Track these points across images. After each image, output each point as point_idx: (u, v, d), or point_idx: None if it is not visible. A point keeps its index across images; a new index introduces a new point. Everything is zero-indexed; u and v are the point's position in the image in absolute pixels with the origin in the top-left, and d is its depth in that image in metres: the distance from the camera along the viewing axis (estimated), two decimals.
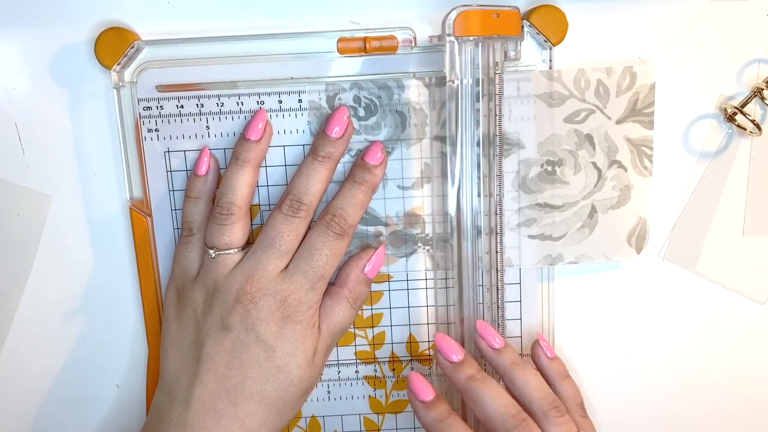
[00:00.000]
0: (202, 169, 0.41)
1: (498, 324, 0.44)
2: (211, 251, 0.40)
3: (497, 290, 0.43)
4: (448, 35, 0.39)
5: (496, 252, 0.42)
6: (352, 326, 0.44)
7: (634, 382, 0.46)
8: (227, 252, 0.40)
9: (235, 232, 0.40)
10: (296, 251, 0.40)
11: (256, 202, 0.42)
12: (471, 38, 0.39)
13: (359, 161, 0.41)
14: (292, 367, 0.39)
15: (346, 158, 0.42)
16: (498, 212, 0.42)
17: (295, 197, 0.40)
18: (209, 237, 0.40)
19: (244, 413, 0.38)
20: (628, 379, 0.46)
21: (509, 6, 0.39)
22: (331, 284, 0.42)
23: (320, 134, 0.41)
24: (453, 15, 0.38)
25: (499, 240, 0.43)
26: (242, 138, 0.41)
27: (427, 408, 0.39)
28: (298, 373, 0.39)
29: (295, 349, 0.39)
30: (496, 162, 0.41)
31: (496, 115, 0.40)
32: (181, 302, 0.41)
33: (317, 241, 0.40)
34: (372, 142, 0.42)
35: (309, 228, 0.41)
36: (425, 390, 0.40)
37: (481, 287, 0.43)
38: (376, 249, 0.42)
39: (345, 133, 0.41)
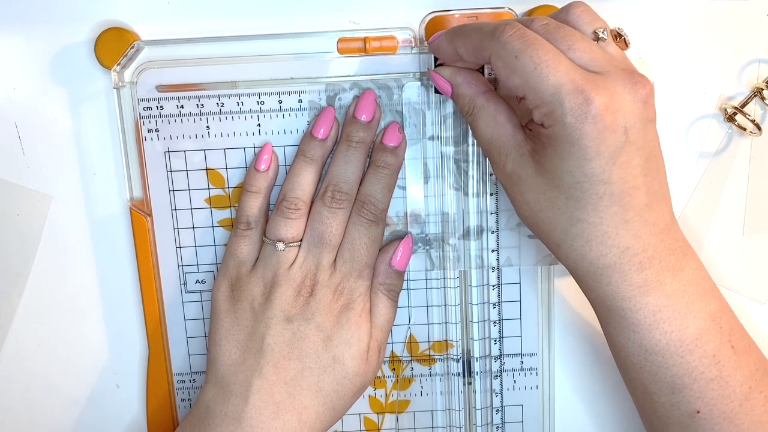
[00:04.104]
0: (264, 165, 0.41)
1: (497, 324, 0.44)
2: (279, 244, 0.40)
3: (495, 289, 0.43)
4: (422, 40, 0.40)
5: (493, 251, 0.43)
6: None
7: None
8: (291, 245, 0.40)
9: (300, 226, 0.40)
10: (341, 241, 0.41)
11: None
12: None
13: (379, 145, 0.41)
14: (347, 358, 0.39)
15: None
16: (495, 211, 0.43)
17: (336, 187, 0.40)
18: (275, 230, 0.40)
19: (302, 405, 0.39)
20: None
21: (495, 7, 0.39)
22: None
23: (350, 120, 0.41)
24: (426, 20, 0.39)
25: (496, 239, 0.43)
26: (310, 135, 0.41)
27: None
28: (353, 365, 0.39)
29: (350, 338, 0.40)
30: (485, 161, 0.41)
31: None
32: (235, 295, 0.41)
33: (354, 230, 0.40)
34: (388, 124, 0.42)
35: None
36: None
37: (480, 287, 0.43)
38: (401, 240, 0.42)
39: (374, 117, 0.41)
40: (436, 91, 0.41)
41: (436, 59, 0.39)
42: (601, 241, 0.33)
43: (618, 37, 0.35)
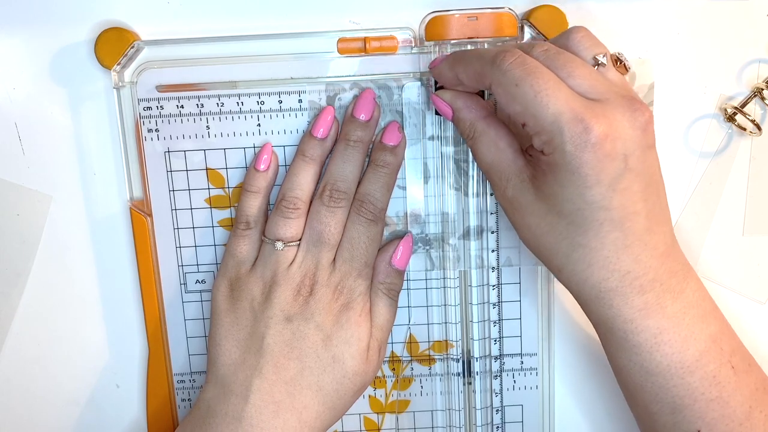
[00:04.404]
0: (263, 165, 0.41)
1: (497, 324, 0.44)
2: (278, 243, 0.40)
3: (495, 289, 0.43)
4: (422, 40, 0.40)
5: (493, 251, 0.43)
6: None
7: None
8: (290, 244, 0.40)
9: (299, 225, 0.40)
10: (340, 240, 0.41)
11: None
12: (449, 42, 0.40)
13: (378, 144, 0.41)
14: (347, 357, 0.39)
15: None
16: (495, 211, 0.43)
17: (334, 186, 0.40)
18: (274, 230, 0.40)
19: (302, 405, 0.39)
20: None
21: (495, 7, 0.39)
22: None
23: (349, 119, 0.41)
24: (427, 20, 0.39)
25: (496, 239, 0.43)
26: (309, 135, 0.41)
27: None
28: (353, 365, 0.39)
29: (350, 337, 0.40)
30: None
31: None
32: (235, 295, 0.41)
33: (353, 229, 0.40)
34: (388, 123, 0.42)
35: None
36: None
37: (480, 287, 0.43)
38: (401, 239, 0.42)
39: (373, 116, 0.41)
40: (437, 113, 0.41)
41: (436, 82, 0.40)
42: (602, 266, 0.34)
43: (618, 62, 0.36)
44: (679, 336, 0.34)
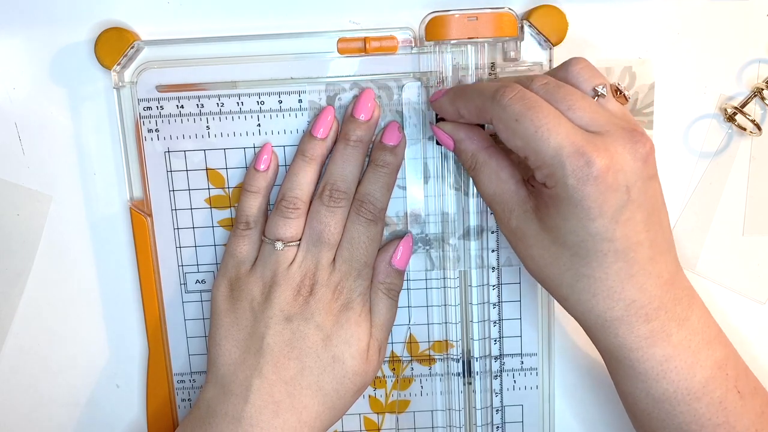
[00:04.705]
0: (263, 165, 0.41)
1: (497, 324, 0.44)
2: (278, 243, 0.40)
3: (495, 289, 0.43)
4: (422, 40, 0.40)
5: (493, 251, 0.43)
6: None
7: None
8: (290, 244, 0.40)
9: (299, 225, 0.40)
10: (340, 240, 0.41)
11: None
12: (449, 41, 0.40)
13: (378, 144, 0.41)
14: (347, 357, 0.39)
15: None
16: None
17: (334, 186, 0.40)
18: (274, 230, 0.40)
19: (302, 405, 0.39)
20: None
21: (495, 7, 0.39)
22: None
23: (349, 119, 0.41)
24: (427, 20, 0.39)
25: (496, 239, 0.43)
26: (309, 135, 0.41)
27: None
28: (353, 365, 0.40)
29: (350, 337, 0.40)
30: None
31: None
32: (234, 295, 0.41)
33: (353, 229, 0.40)
34: (388, 123, 0.42)
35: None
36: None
37: (480, 287, 0.43)
38: (401, 239, 0.42)
39: (373, 116, 0.41)
40: (437, 143, 0.41)
41: (436, 113, 0.40)
42: (607, 295, 0.34)
43: (617, 92, 0.36)
44: (685, 363, 0.35)
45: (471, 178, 0.39)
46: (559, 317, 0.45)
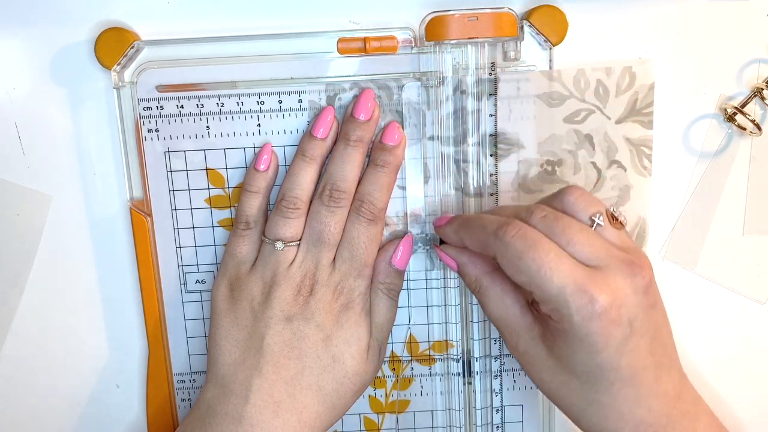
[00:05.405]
0: (263, 165, 0.41)
1: None
2: (278, 243, 0.40)
3: None
4: (422, 40, 0.40)
5: None
6: None
7: None
8: (290, 244, 0.40)
9: (299, 225, 0.40)
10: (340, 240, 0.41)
11: None
12: (449, 42, 0.40)
13: (378, 144, 0.41)
14: (347, 357, 0.40)
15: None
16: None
17: (334, 186, 0.40)
18: (274, 230, 0.40)
19: (302, 405, 0.39)
20: None
21: (495, 7, 0.39)
22: None
23: (349, 119, 0.41)
24: (427, 20, 0.39)
25: None
26: (309, 135, 0.41)
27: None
28: (353, 365, 0.40)
29: (350, 337, 0.40)
30: (485, 161, 0.42)
31: (490, 115, 0.41)
32: (235, 295, 0.41)
33: (353, 229, 0.40)
34: (387, 123, 0.42)
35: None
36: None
37: None
38: (401, 239, 0.42)
39: (373, 116, 0.41)
40: (440, 259, 0.42)
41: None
42: (617, 418, 0.35)
43: (613, 218, 0.37)
44: None
45: (477, 300, 0.40)
46: None
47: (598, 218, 0.36)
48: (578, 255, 0.34)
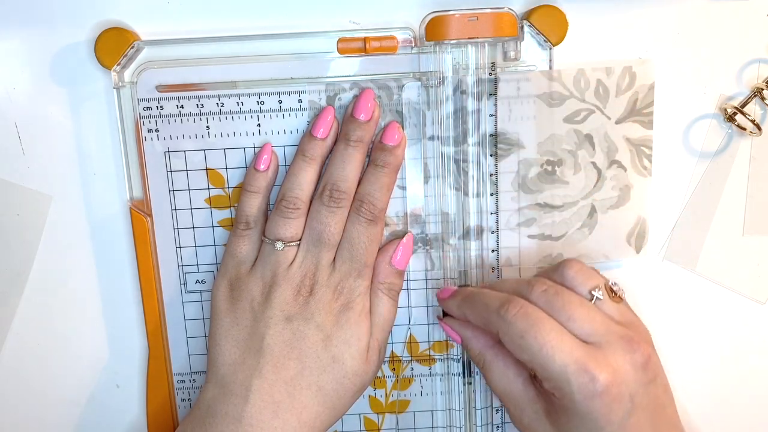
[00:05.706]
0: (263, 165, 0.41)
1: None
2: (278, 243, 0.40)
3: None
4: (422, 40, 0.40)
5: (493, 251, 0.43)
6: None
7: None
8: (290, 244, 0.40)
9: (299, 225, 0.40)
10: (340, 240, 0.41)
11: None
12: (449, 42, 0.40)
13: (378, 144, 0.41)
14: (347, 357, 0.40)
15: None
16: (495, 211, 0.43)
17: (334, 186, 0.40)
18: (274, 230, 0.40)
19: (302, 405, 0.39)
20: None
21: (495, 7, 0.39)
22: None
23: (349, 119, 0.41)
24: (427, 20, 0.39)
25: (496, 239, 0.43)
26: (309, 135, 0.41)
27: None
28: (352, 365, 0.40)
29: (350, 337, 0.40)
30: (485, 161, 0.42)
31: (490, 115, 0.41)
32: (234, 295, 0.41)
33: (353, 230, 0.40)
34: (387, 123, 0.42)
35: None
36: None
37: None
38: (401, 239, 0.42)
39: (373, 116, 0.41)
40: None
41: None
42: None
43: (611, 292, 0.38)
44: None
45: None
46: None
47: (597, 292, 0.37)
48: (578, 332, 0.36)
